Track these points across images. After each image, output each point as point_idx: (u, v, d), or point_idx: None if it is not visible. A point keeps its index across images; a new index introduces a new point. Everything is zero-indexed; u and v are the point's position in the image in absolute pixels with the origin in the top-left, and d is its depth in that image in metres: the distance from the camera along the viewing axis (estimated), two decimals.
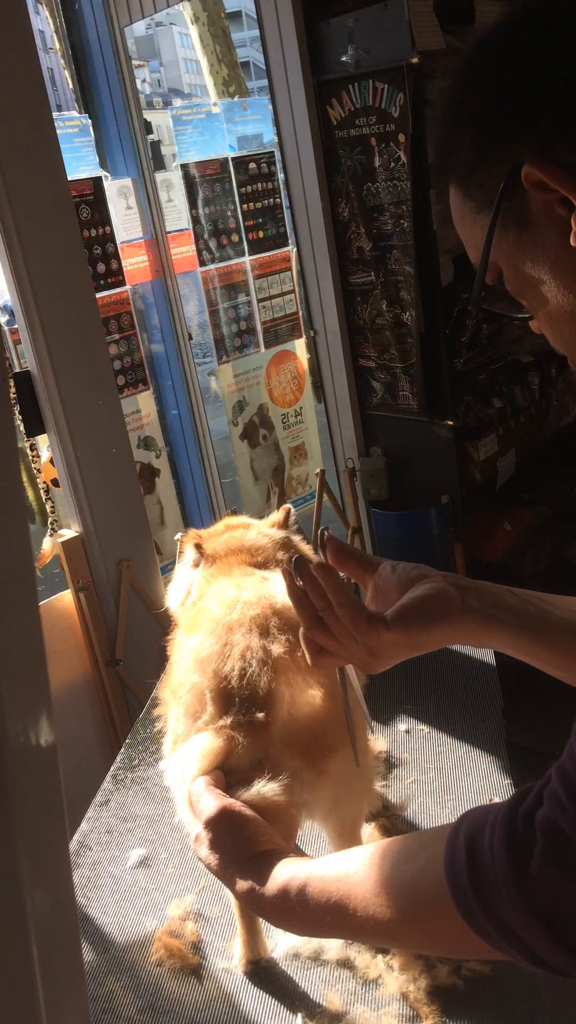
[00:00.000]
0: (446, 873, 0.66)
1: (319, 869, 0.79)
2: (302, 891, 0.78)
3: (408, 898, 0.70)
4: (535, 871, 0.60)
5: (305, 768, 0.98)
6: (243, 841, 0.88)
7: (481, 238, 0.71)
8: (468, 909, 0.64)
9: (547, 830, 0.60)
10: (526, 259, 0.70)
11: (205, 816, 0.90)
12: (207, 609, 1.07)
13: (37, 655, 0.38)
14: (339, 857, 0.80)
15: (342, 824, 1.08)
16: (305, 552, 1.26)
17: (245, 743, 0.96)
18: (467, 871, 0.64)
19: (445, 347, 2.52)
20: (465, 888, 0.64)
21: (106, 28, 2.59)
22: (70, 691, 2.20)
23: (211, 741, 0.97)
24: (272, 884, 0.81)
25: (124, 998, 1.09)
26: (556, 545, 3.15)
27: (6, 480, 0.36)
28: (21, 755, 0.37)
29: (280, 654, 0.99)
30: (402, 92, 2.26)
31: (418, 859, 0.70)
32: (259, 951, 1.11)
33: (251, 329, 2.87)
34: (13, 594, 0.37)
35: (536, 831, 0.61)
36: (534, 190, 0.65)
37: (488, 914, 0.63)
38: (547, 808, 0.61)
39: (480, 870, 0.64)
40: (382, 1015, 1.00)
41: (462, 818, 0.69)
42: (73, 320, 2.01)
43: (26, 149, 1.86)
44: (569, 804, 0.59)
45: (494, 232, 0.70)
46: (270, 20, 2.44)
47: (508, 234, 0.70)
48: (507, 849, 0.62)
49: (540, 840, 0.60)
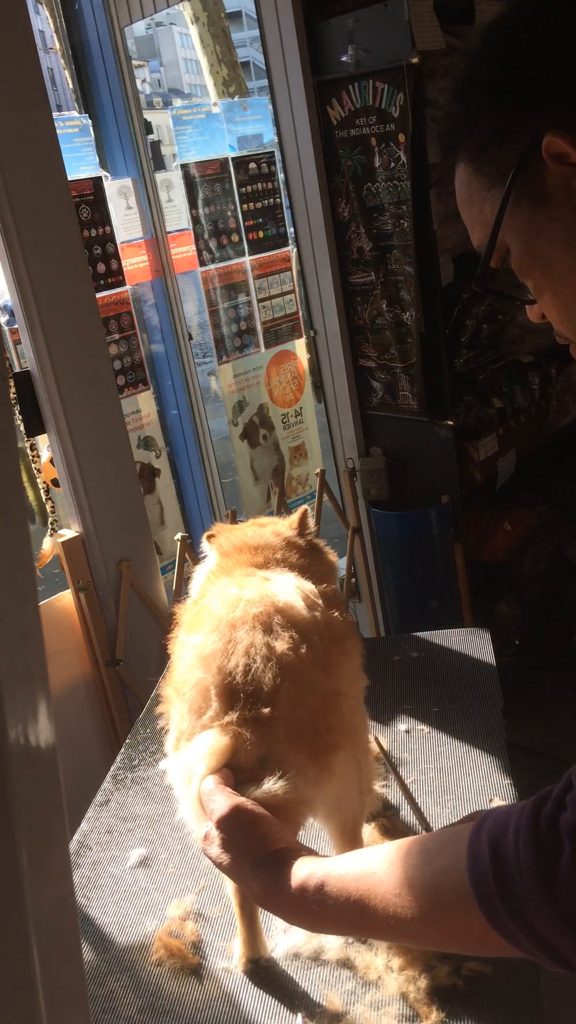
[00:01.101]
0: (469, 875, 0.66)
1: (337, 868, 0.79)
2: (320, 889, 0.78)
3: (430, 898, 0.70)
4: (564, 875, 0.60)
5: (309, 764, 0.98)
6: (256, 839, 0.87)
7: (490, 216, 0.70)
8: (494, 911, 0.65)
9: (573, 835, 0.61)
10: (539, 236, 0.69)
11: (217, 815, 0.90)
12: (209, 607, 1.08)
13: (37, 655, 0.38)
14: (358, 855, 0.80)
15: (344, 823, 1.08)
16: (328, 556, 1.27)
17: (252, 740, 0.96)
18: (492, 873, 0.65)
19: (445, 347, 2.52)
20: (490, 890, 0.64)
21: (106, 28, 2.59)
22: (70, 691, 2.20)
23: (218, 739, 0.97)
24: (289, 882, 0.81)
25: (124, 998, 1.09)
26: (556, 545, 3.15)
27: (6, 480, 0.36)
28: (21, 755, 0.37)
29: (284, 651, 0.99)
30: (402, 92, 2.26)
31: (439, 859, 0.71)
32: (259, 950, 1.11)
33: (251, 329, 2.87)
34: (13, 594, 0.37)
35: (562, 836, 0.61)
36: (554, 163, 0.65)
37: (515, 917, 0.63)
38: (571, 813, 0.61)
39: (505, 873, 0.64)
40: (382, 1015, 1.00)
41: (483, 819, 0.69)
42: (73, 320, 2.01)
43: (26, 149, 1.86)
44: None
45: (506, 208, 0.69)
46: (270, 20, 2.44)
47: (521, 210, 0.69)
48: (534, 853, 0.62)
49: (568, 845, 0.61)
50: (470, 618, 2.74)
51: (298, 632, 1.02)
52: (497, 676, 1.61)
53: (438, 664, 1.68)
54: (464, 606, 2.74)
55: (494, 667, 1.63)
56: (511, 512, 2.86)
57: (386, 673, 1.66)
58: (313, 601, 1.10)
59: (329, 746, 1.00)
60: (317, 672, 1.01)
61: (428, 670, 1.67)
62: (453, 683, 1.61)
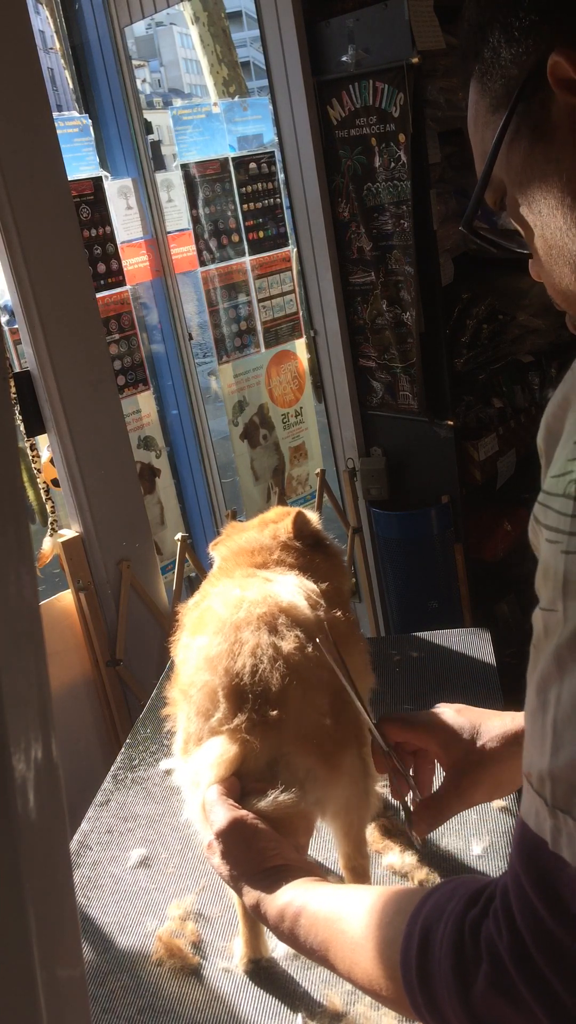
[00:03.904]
0: (400, 960, 0.64)
1: (314, 902, 0.78)
2: (296, 920, 0.78)
3: (375, 968, 0.68)
4: (479, 993, 0.57)
5: (319, 766, 0.98)
6: (253, 854, 0.87)
7: (491, 143, 0.61)
8: (415, 1003, 0.63)
9: (491, 953, 0.57)
10: (534, 176, 0.60)
11: (216, 827, 0.90)
12: (212, 609, 1.07)
13: (37, 655, 0.38)
14: (332, 896, 0.79)
15: (350, 824, 1.08)
16: (334, 552, 1.27)
17: (260, 746, 0.96)
18: (416, 966, 0.62)
19: (445, 347, 2.52)
20: (413, 982, 0.62)
21: (106, 28, 2.59)
22: (70, 691, 2.20)
23: (226, 748, 0.96)
24: (272, 905, 0.81)
25: (124, 998, 1.09)
26: None
27: (6, 480, 0.36)
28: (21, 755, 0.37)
29: (290, 651, 0.99)
30: (402, 92, 2.26)
31: (389, 928, 0.68)
32: (260, 950, 1.11)
33: (251, 329, 2.87)
34: (13, 594, 0.37)
35: (482, 949, 0.58)
36: (560, 90, 0.56)
37: (434, 1014, 0.61)
38: (492, 928, 0.58)
39: (428, 970, 0.61)
40: (382, 1015, 1.01)
41: (427, 895, 0.66)
42: (73, 320, 2.01)
43: (26, 149, 1.86)
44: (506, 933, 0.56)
45: (505, 136, 0.60)
46: (270, 20, 2.44)
47: (520, 142, 0.60)
48: (453, 958, 0.59)
49: (485, 962, 0.57)
50: (470, 618, 2.74)
51: (303, 631, 1.02)
52: (497, 676, 1.61)
53: (438, 664, 1.68)
54: (464, 606, 2.74)
55: (494, 667, 1.63)
56: (511, 512, 2.86)
57: (386, 673, 1.66)
58: (316, 600, 1.10)
59: (338, 745, 1.00)
60: (324, 671, 1.01)
61: (428, 670, 1.67)
62: (453, 683, 1.61)
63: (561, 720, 0.53)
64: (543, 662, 0.55)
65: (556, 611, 0.53)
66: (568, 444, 0.54)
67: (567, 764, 0.52)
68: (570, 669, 0.52)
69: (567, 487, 0.53)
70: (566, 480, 0.53)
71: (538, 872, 0.54)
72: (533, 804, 0.55)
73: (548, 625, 0.54)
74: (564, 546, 0.52)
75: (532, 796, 0.55)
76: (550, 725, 0.53)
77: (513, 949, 0.55)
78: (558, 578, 0.53)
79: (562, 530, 0.53)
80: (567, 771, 0.52)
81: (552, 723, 0.53)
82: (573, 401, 0.56)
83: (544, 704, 0.54)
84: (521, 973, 0.55)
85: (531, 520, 0.56)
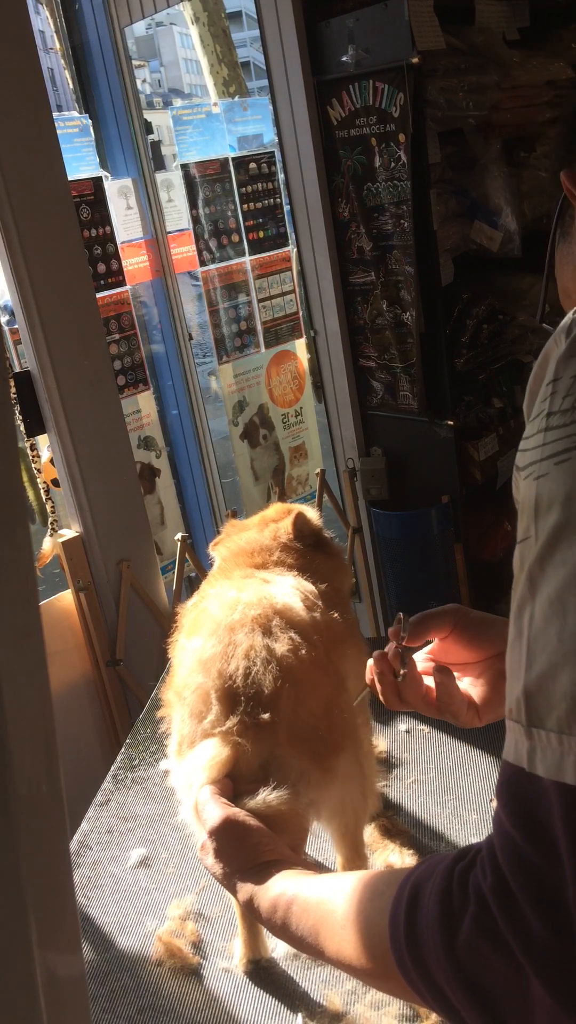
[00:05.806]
0: (389, 920, 0.64)
1: (305, 890, 0.79)
2: (288, 909, 0.78)
3: (364, 941, 0.68)
4: (464, 937, 0.58)
5: (312, 767, 0.98)
6: (246, 851, 0.87)
7: None
8: (401, 961, 0.63)
9: (478, 895, 0.58)
10: (564, 271, 0.73)
11: (209, 826, 0.90)
12: (208, 611, 1.07)
13: (37, 655, 0.38)
14: (326, 881, 0.79)
15: (346, 825, 1.08)
16: (335, 551, 1.27)
17: (252, 748, 0.96)
18: (404, 923, 0.62)
19: (445, 347, 2.52)
20: (400, 940, 0.62)
21: (106, 28, 2.59)
22: (70, 691, 2.20)
23: (218, 750, 0.96)
24: (264, 898, 0.81)
25: (124, 998, 1.09)
26: None
27: (6, 480, 0.36)
28: (22, 755, 0.37)
29: (284, 652, 0.99)
30: (402, 92, 2.26)
31: (380, 898, 0.68)
32: (260, 951, 1.11)
33: (251, 329, 2.88)
34: (13, 594, 0.37)
35: (470, 894, 0.58)
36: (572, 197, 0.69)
37: (419, 969, 0.61)
38: (479, 875, 0.58)
39: (416, 924, 0.62)
40: (382, 1015, 1.01)
41: (419, 863, 0.67)
42: (73, 320, 2.01)
43: (26, 149, 1.86)
44: (490, 873, 0.57)
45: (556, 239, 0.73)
46: (270, 20, 2.44)
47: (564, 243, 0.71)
48: (440, 907, 0.60)
49: (472, 903, 0.58)
50: None
51: (298, 633, 1.02)
52: None
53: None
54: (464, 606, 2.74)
55: None
56: (511, 512, 2.85)
57: None
58: (312, 602, 1.09)
59: (332, 748, 1.00)
60: (318, 673, 1.01)
61: None
62: None
63: (534, 636, 0.54)
64: (519, 590, 0.56)
65: (529, 537, 0.56)
66: (545, 393, 0.58)
67: (539, 675, 0.53)
68: (540, 585, 0.54)
69: (540, 423, 0.57)
70: (540, 418, 0.57)
71: (516, 803, 0.55)
72: (512, 737, 0.56)
73: (523, 555, 0.56)
74: (536, 473, 0.56)
75: (512, 729, 0.56)
76: (525, 645, 0.55)
77: (495, 887, 0.56)
78: (530, 503, 0.56)
79: (534, 461, 0.57)
80: (540, 682, 0.53)
81: (527, 643, 0.55)
82: (552, 352, 0.60)
83: (520, 630, 0.56)
84: (501, 909, 0.55)
85: (513, 473, 0.60)
